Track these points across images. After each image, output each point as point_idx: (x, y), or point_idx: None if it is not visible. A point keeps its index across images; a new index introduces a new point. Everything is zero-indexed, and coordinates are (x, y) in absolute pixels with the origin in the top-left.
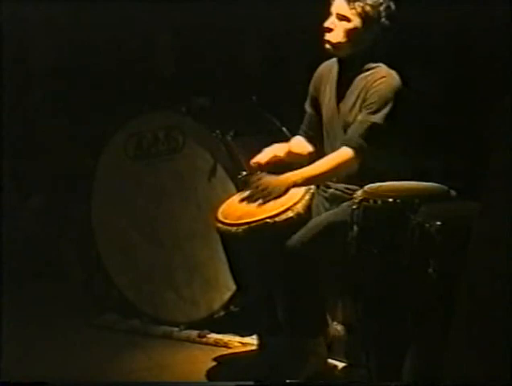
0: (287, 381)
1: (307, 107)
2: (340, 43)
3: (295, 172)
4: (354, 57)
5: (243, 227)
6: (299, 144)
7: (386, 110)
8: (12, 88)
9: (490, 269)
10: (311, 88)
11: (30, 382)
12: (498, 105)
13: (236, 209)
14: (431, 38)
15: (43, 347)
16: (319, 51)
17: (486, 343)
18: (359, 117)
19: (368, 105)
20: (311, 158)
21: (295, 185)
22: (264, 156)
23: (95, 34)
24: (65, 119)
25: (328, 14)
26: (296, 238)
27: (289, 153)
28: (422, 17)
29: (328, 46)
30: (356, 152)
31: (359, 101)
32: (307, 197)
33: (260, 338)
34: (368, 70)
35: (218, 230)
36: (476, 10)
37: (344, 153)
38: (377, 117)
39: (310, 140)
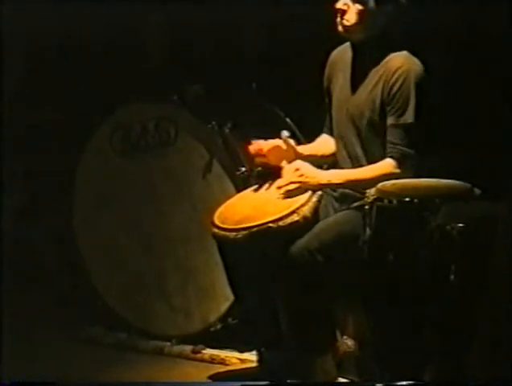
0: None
1: (326, 100)
2: (353, 25)
3: (333, 171)
4: (369, 42)
5: (243, 232)
6: (324, 144)
7: (412, 105)
8: None
9: None
10: (324, 78)
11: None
12: None
13: (235, 212)
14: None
15: (21, 364)
16: (325, 35)
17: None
18: (390, 123)
19: (394, 110)
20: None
21: (330, 185)
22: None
23: (79, 18)
24: (45, 110)
25: None
26: (302, 243)
27: (303, 155)
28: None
29: (340, 28)
30: (399, 162)
31: (377, 91)
32: (314, 199)
33: (260, 354)
34: (384, 56)
35: (214, 236)
36: None
37: (388, 165)
38: (408, 116)
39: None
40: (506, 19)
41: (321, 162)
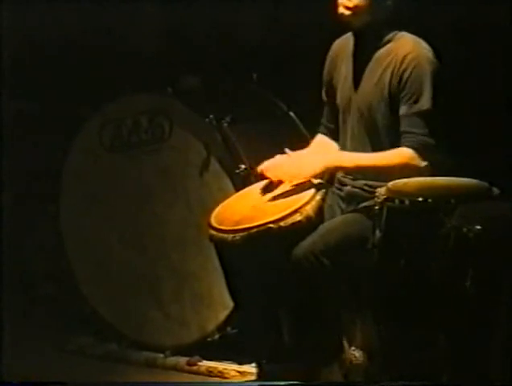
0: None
1: (324, 95)
2: (356, 6)
3: (341, 154)
4: (372, 27)
5: (241, 234)
6: (321, 148)
7: (427, 90)
8: None
9: None
10: (324, 72)
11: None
12: None
13: (233, 212)
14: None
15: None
16: (329, 21)
17: None
18: (403, 112)
19: (407, 98)
20: None
21: (336, 169)
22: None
23: (73, 9)
24: (32, 104)
25: None
26: (306, 246)
27: None
28: None
29: (342, 10)
30: (418, 152)
31: (385, 80)
32: (317, 197)
33: (261, 367)
34: (389, 41)
35: (212, 238)
36: None
37: (405, 153)
38: (423, 103)
39: (332, 135)
40: None
41: None
